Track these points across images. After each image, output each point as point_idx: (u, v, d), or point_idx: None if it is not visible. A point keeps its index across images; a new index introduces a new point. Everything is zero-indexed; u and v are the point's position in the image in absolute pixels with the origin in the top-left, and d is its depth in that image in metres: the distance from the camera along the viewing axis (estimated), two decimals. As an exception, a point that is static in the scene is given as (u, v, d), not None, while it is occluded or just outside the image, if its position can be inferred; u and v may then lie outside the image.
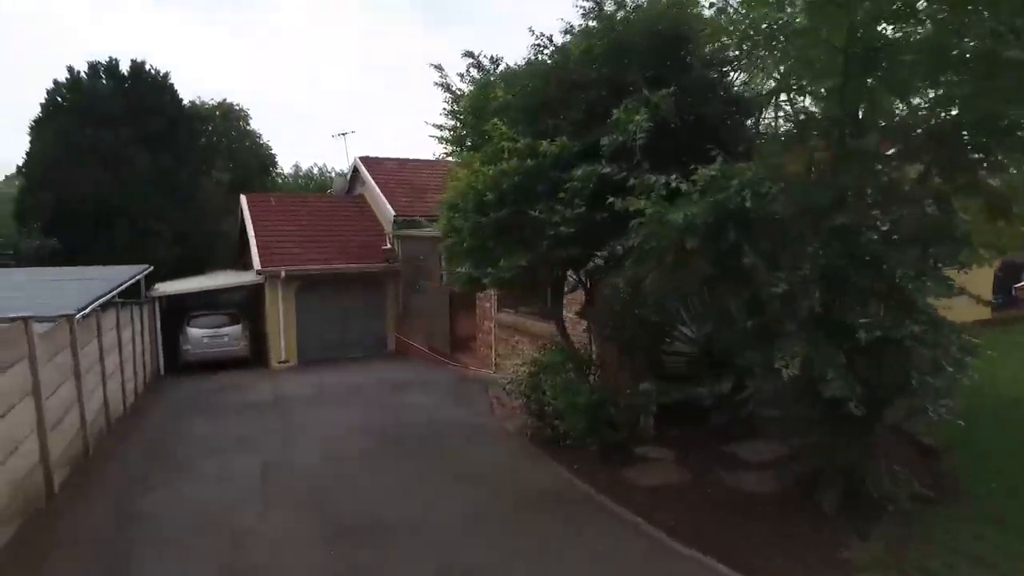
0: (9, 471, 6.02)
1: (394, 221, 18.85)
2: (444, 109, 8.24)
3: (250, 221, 19.20)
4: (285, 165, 39.06)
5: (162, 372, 17.33)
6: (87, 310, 9.33)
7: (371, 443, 8.64)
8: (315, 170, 34.70)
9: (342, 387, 12.99)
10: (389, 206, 19.14)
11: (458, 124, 8.15)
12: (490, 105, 6.76)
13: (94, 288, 11.00)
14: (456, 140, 8.15)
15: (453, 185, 6.94)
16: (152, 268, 18.01)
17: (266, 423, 9.94)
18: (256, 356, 19.35)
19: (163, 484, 7.21)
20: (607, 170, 5.25)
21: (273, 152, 27.45)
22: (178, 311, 19.40)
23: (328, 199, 21.43)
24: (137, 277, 14.73)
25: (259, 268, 17.32)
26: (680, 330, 8.49)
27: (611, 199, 5.02)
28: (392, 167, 21.80)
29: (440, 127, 8.46)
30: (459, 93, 7.96)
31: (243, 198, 20.40)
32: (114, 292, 11.42)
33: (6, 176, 28.01)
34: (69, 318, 8.40)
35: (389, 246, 19.28)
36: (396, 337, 19.59)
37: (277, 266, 17.54)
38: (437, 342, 16.05)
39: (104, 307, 10.85)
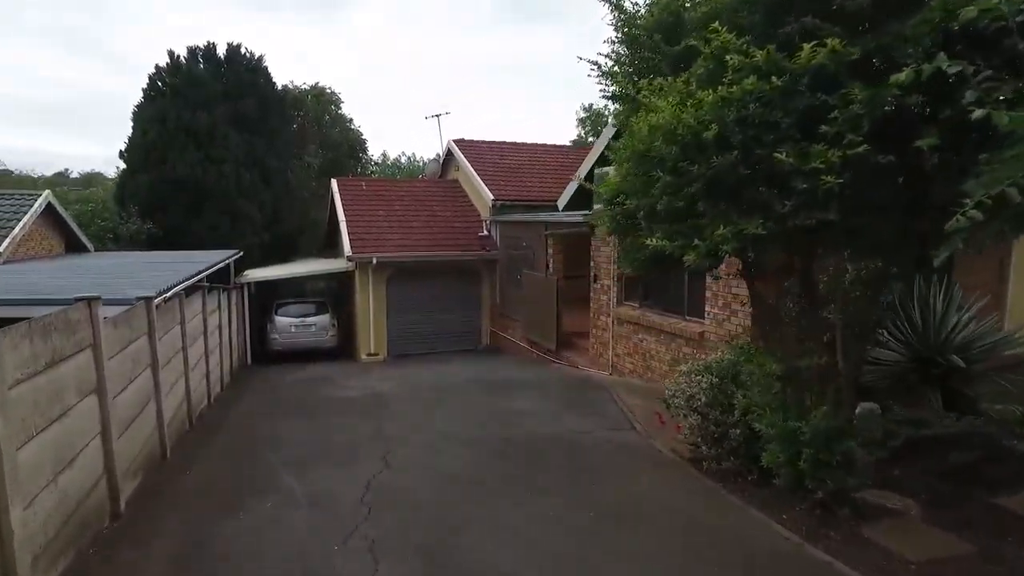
0: (60, 492, 4.65)
1: (492, 206, 17.25)
2: (613, 36, 6.45)
3: (341, 206, 18.04)
4: (373, 153, 38.43)
5: (249, 361, 16.36)
6: (169, 293, 8.08)
7: (488, 461, 6.97)
8: (403, 159, 33.87)
9: (439, 386, 11.46)
10: (487, 190, 17.55)
11: (633, 52, 6.27)
12: (688, 15, 4.89)
13: (179, 271, 9.82)
14: (641, 67, 6.20)
15: (637, 128, 5.10)
16: (242, 253, 17.10)
17: (360, 428, 8.47)
18: (344, 347, 18.23)
19: (247, 508, 5.75)
20: (954, 68, 3.10)
21: (364, 137, 26.62)
22: (267, 298, 18.50)
23: (421, 184, 20.13)
24: (227, 261, 13.70)
25: (350, 254, 16.08)
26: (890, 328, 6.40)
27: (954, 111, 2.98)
28: (487, 150, 20.24)
29: (597, 65, 6.66)
30: (634, 10, 6.13)
31: (334, 182, 19.31)
32: (201, 276, 10.25)
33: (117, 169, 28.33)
34: (147, 301, 7.12)
35: (486, 233, 17.71)
36: (491, 331, 18.01)
37: (369, 252, 16.26)
38: (540, 337, 14.33)
39: (190, 291, 9.67)
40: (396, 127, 71.55)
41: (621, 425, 8.12)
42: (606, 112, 39.94)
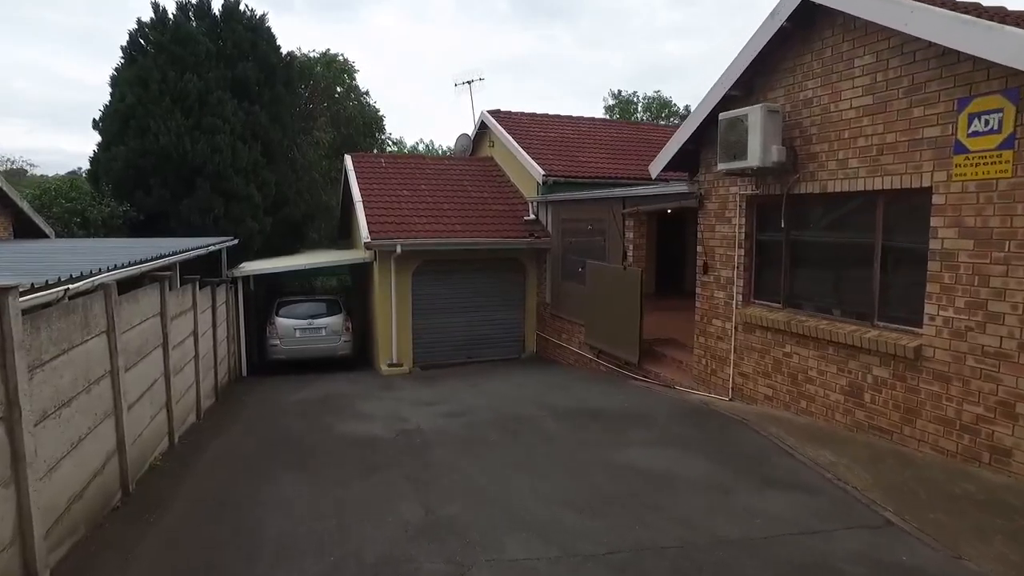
0: None
1: (543, 183, 13.84)
2: None
3: (357, 184, 14.72)
4: (392, 132, 35.08)
5: (244, 372, 13.04)
6: (74, 286, 4.72)
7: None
8: (420, 147, 30.34)
9: (497, 415, 8.07)
10: (536, 165, 14.15)
11: None
12: None
13: (115, 258, 6.52)
14: None
15: None
16: (236, 240, 13.80)
17: (394, 501, 5.12)
18: (360, 355, 14.90)
19: None
20: None
21: (381, 114, 23.19)
22: (268, 295, 15.22)
23: (450, 161, 16.81)
24: (208, 249, 10.39)
25: (368, 240, 12.73)
26: None
27: None
28: (529, 122, 16.86)
29: None
30: None
31: (348, 158, 15.99)
32: (152, 265, 6.91)
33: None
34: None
35: (532, 216, 14.32)
36: (537, 335, 14.61)
37: (392, 238, 12.90)
38: (613, 345, 10.91)
39: (142, 285, 6.37)
40: (412, 116, 67.68)
41: (865, 518, 4.59)
42: (634, 99, 36.62)
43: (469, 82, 18.63)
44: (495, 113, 17.01)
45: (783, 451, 5.95)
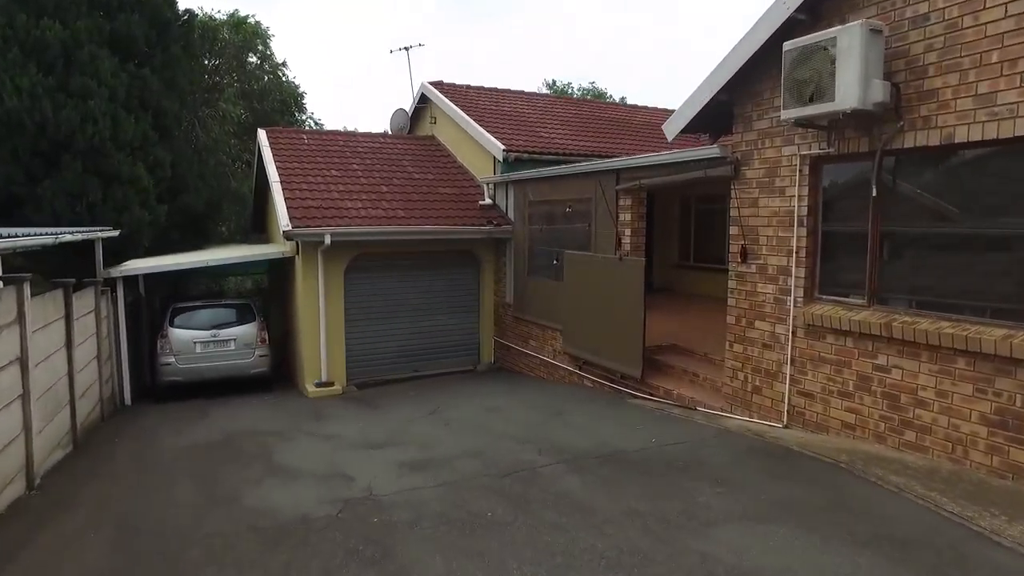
0: None
1: (503, 160, 11.44)
2: None
3: (273, 163, 11.88)
4: (314, 112, 31.71)
5: (127, 401, 9.98)
6: None
7: None
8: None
9: (478, 466, 5.60)
10: (494, 140, 11.75)
11: None
12: None
13: None
14: None
15: None
16: (116, 232, 10.76)
17: None
18: (280, 372, 12.06)
19: None
20: None
21: (302, 90, 19.98)
22: (170, 302, 12.14)
23: (387, 139, 14.14)
24: (62, 240, 7.41)
25: (288, 228, 9.96)
26: None
27: None
28: (478, 96, 14.44)
29: None
30: None
31: (262, 133, 13.06)
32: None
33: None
34: None
35: (489, 201, 11.89)
36: (497, 343, 12.20)
37: (317, 226, 10.18)
38: (607, 356, 8.68)
39: None
40: (337, 98, 62.10)
41: None
42: (569, 90, 34.72)
43: (407, 48, 16.00)
44: (438, 85, 14.48)
45: (964, 528, 3.81)
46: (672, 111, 6.77)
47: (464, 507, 4.63)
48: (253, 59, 18.42)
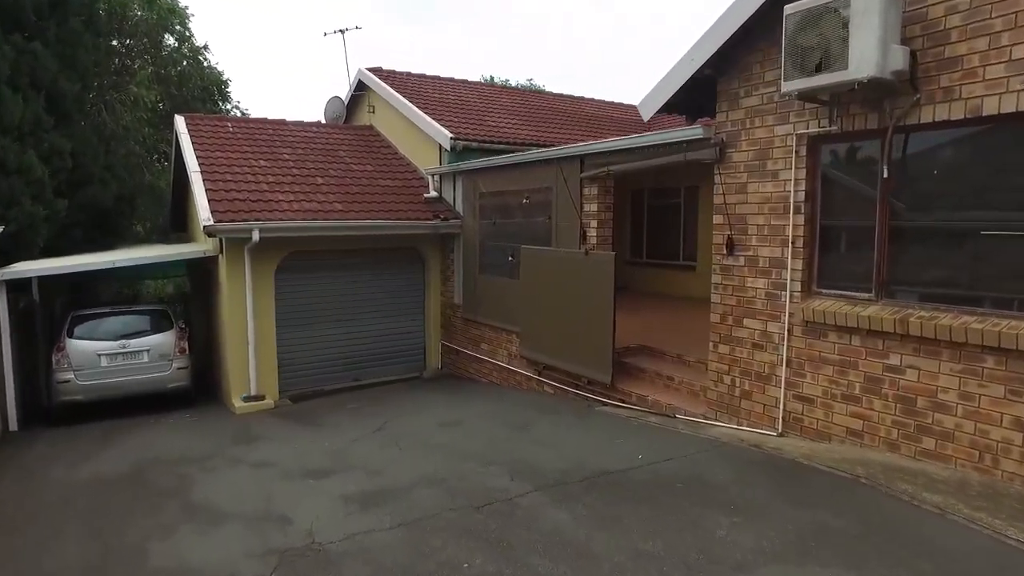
0: None
1: (451, 149, 10.51)
2: None
3: (192, 151, 10.53)
4: (240, 101, 29.77)
5: (12, 427, 8.48)
6: None
7: None
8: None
9: (441, 497, 4.69)
10: (440, 127, 10.79)
11: None
12: None
13: None
14: None
15: None
16: (1, 228, 9.25)
17: None
18: (203, 385, 10.72)
19: None
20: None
21: (226, 77, 18.19)
22: (64, 308, 10.60)
23: (320, 128, 12.92)
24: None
25: (210, 223, 8.71)
26: None
27: None
28: (419, 83, 13.43)
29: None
30: None
31: (179, 120, 11.65)
32: None
33: None
34: None
35: (435, 193, 10.93)
36: (445, 347, 11.25)
37: (243, 220, 8.97)
38: (569, 359, 7.89)
39: None
40: (266, 89, 58.23)
41: None
42: (507, 85, 34.02)
43: (342, 31, 14.76)
44: (377, 71, 13.38)
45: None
46: (621, 104, 6.21)
47: (433, 556, 3.70)
48: (170, 40, 16.67)
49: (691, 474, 4.75)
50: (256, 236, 8.86)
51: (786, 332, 5.51)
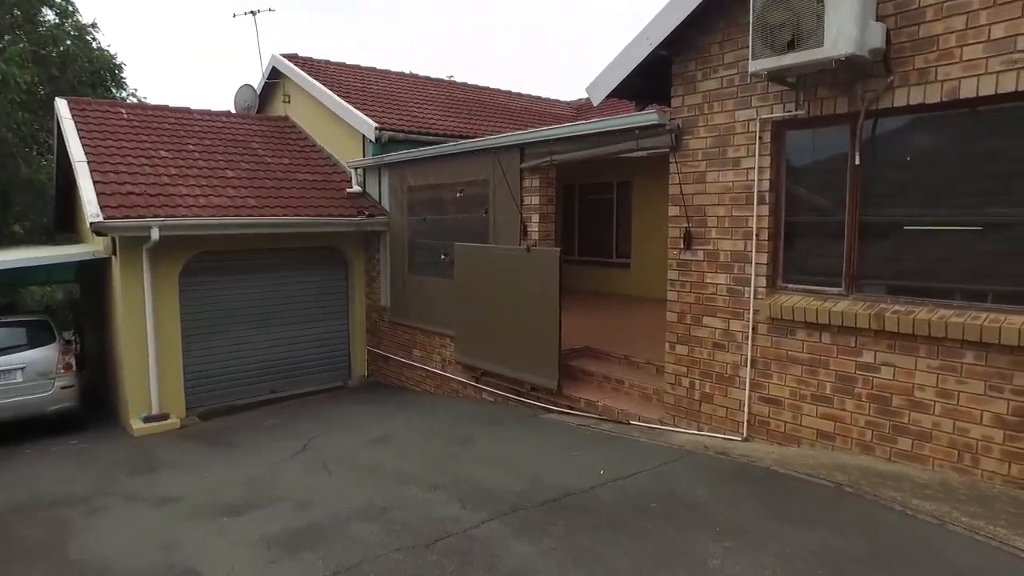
0: None
1: (375, 141, 9.70)
2: None
3: (78, 139, 9.20)
4: (137, 88, 27.28)
5: None
6: None
7: None
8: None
9: (383, 536, 4.00)
10: (365, 117, 9.97)
11: None
12: None
13: None
14: None
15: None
16: None
17: None
18: (96, 405, 9.42)
19: None
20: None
21: (120, 61, 16.28)
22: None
23: (230, 118, 11.73)
24: None
25: (98, 219, 7.55)
26: None
27: None
28: (338, 72, 12.51)
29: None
30: None
31: (61, 104, 10.21)
32: None
33: None
34: None
35: (358, 188, 10.09)
36: (371, 353, 10.43)
37: (139, 216, 7.85)
38: (511, 364, 7.32)
39: None
40: (161, 79, 53.50)
41: None
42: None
43: (254, 12, 13.52)
44: (293, 58, 12.33)
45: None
46: (556, 100, 5.74)
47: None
48: (49, 15, 14.73)
49: (663, 490, 4.27)
50: (156, 234, 7.75)
51: (750, 330, 5.14)
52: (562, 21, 61.63)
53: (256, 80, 13.12)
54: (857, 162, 4.46)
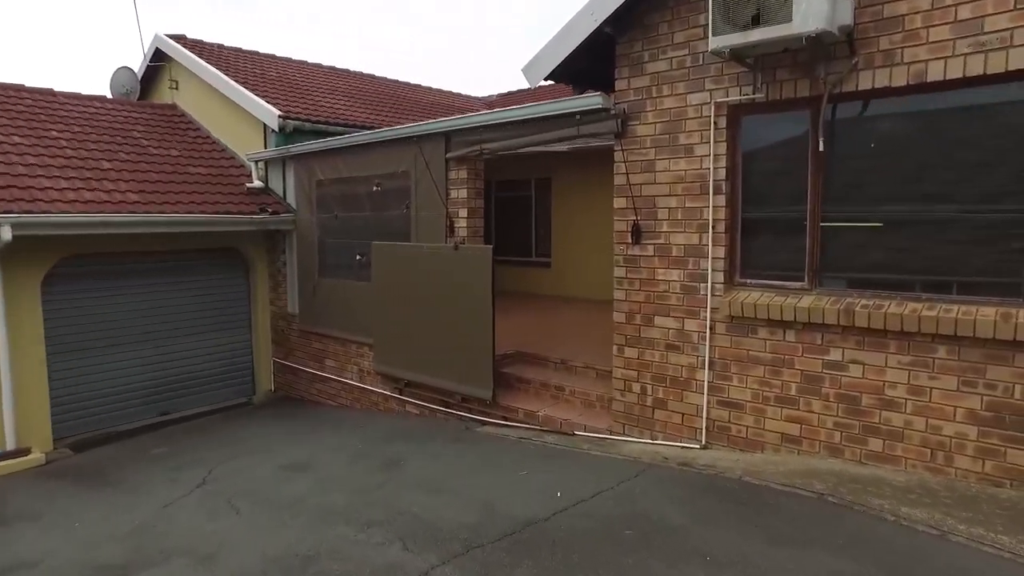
0: None
1: (278, 131, 8.71)
2: None
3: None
4: None
5: None
6: None
7: None
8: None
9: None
10: (266, 104, 8.95)
11: None
12: None
13: None
14: None
15: None
16: None
17: None
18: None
19: None
20: None
21: None
22: None
23: (104, 103, 10.22)
24: None
25: (-67, 217, 6.15)
26: None
27: None
28: (234, 57, 11.33)
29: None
30: None
31: None
32: None
33: None
34: None
35: (260, 183, 9.06)
36: (278, 365, 9.41)
37: (-10, 213, 6.52)
38: (438, 373, 6.66)
39: None
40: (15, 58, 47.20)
41: None
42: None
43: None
44: (181, 39, 10.99)
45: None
46: (463, 96, 5.20)
47: None
48: None
49: (633, 513, 3.77)
50: (7, 234, 6.44)
51: (708, 330, 4.77)
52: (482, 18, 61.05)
53: (138, 64, 11.62)
54: (821, 148, 4.17)
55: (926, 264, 4.00)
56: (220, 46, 11.56)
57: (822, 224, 4.35)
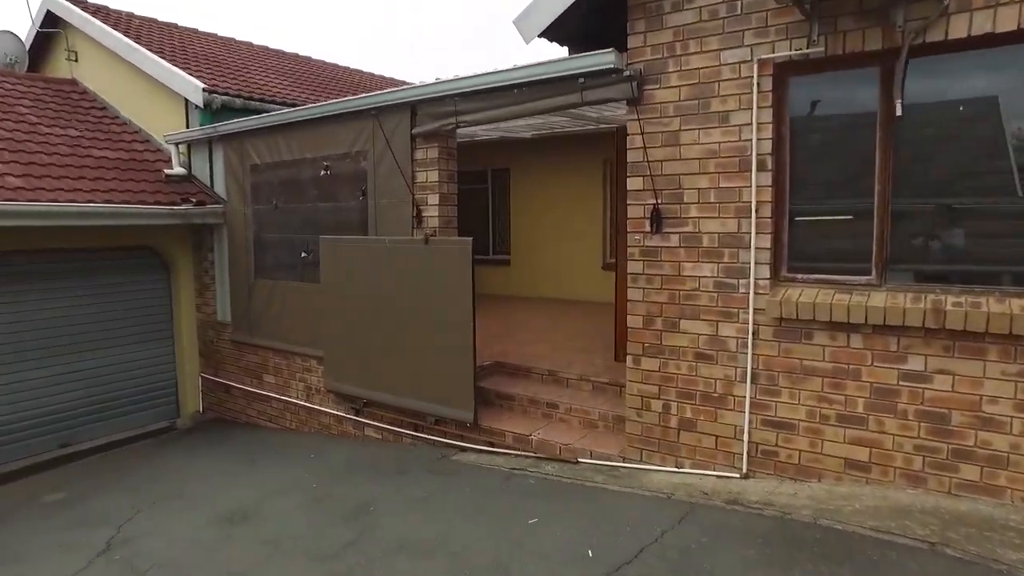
0: None
1: (204, 108, 7.34)
2: None
3: None
4: None
5: None
6: None
7: None
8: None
9: None
10: (189, 77, 7.56)
11: None
12: None
13: None
14: None
15: None
16: None
17: None
18: None
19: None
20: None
21: None
22: None
23: (-15, 75, 8.49)
24: None
25: None
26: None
27: None
28: (148, 27, 9.76)
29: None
30: None
31: None
32: None
33: None
34: None
35: (182, 169, 7.66)
36: (207, 381, 8.03)
37: None
38: (405, 392, 5.56)
39: None
40: None
41: None
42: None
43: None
44: (80, 3, 9.33)
45: None
46: (401, 81, 4.20)
47: None
48: None
49: (699, 581, 2.83)
50: None
51: (749, 335, 3.89)
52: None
53: (25, 31, 9.84)
54: (899, 113, 3.35)
55: (1018, 254, 3.25)
56: (130, 14, 9.96)
57: (892, 207, 3.54)
